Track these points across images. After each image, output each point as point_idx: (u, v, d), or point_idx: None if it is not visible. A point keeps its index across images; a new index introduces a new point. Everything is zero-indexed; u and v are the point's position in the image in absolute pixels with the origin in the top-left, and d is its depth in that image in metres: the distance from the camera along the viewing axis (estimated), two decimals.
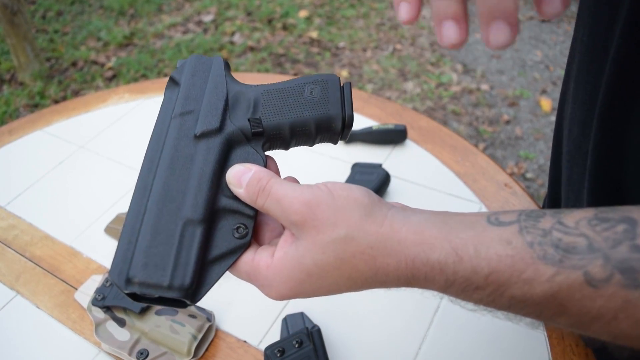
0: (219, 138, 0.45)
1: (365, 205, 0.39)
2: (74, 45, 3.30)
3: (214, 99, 0.46)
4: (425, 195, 0.92)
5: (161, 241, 0.41)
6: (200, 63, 0.49)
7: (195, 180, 0.43)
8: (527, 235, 0.35)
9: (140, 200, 0.43)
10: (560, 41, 3.22)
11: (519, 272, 0.34)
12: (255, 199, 0.42)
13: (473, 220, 0.38)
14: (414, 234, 0.37)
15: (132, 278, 0.40)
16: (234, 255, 0.43)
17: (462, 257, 0.36)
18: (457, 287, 0.36)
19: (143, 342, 0.70)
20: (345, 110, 0.47)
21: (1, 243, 0.88)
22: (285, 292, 0.41)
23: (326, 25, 3.43)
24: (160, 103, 1.22)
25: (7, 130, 1.12)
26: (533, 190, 2.25)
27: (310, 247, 0.39)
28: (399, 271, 0.38)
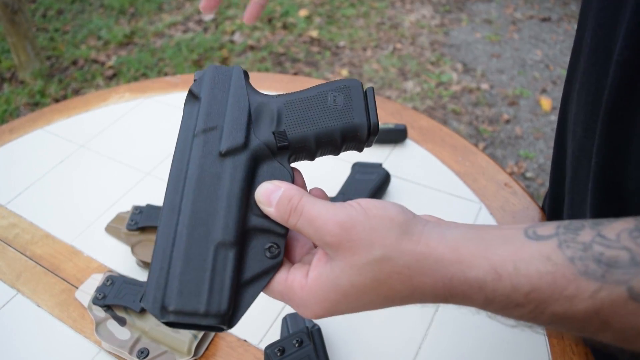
0: (245, 154, 0.43)
1: (400, 224, 0.39)
2: (74, 44, 3.30)
3: (237, 113, 0.45)
4: (426, 195, 0.92)
5: (194, 267, 0.40)
6: (219, 74, 0.47)
7: (224, 201, 0.42)
8: (567, 249, 0.34)
9: (169, 223, 0.42)
10: (560, 40, 3.22)
11: (561, 289, 0.33)
12: (287, 218, 0.41)
13: (510, 234, 0.37)
14: (451, 252, 0.37)
15: (168, 306, 0.39)
16: (268, 276, 0.42)
17: (501, 274, 0.35)
18: (497, 305, 0.36)
19: (143, 341, 0.71)
20: (370, 118, 0.46)
21: (2, 242, 0.88)
22: (320, 312, 0.40)
23: (326, 24, 3.43)
24: (160, 102, 1.22)
25: (8, 129, 1.12)
26: (533, 189, 2.25)
27: (346, 268, 0.38)
28: (436, 290, 0.37)
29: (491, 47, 3.19)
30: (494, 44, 3.22)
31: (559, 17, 3.48)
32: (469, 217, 0.87)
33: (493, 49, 3.16)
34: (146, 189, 0.96)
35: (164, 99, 1.18)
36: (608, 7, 0.51)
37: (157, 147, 1.05)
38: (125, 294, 0.74)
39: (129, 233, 0.84)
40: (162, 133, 1.09)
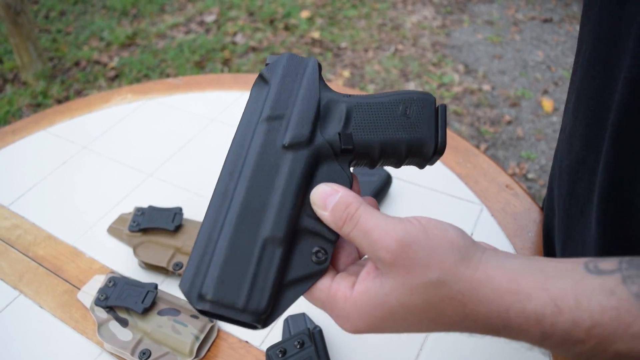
0: (307, 151, 0.42)
1: (460, 248, 0.37)
2: (76, 45, 3.31)
3: (306, 106, 0.44)
4: (427, 197, 0.92)
5: (239, 258, 0.39)
6: (294, 63, 0.46)
7: (279, 195, 0.40)
8: (632, 285, 0.32)
9: (219, 207, 0.41)
10: (561, 41, 3.22)
11: (626, 325, 0.31)
12: (342, 225, 0.39)
13: (570, 267, 0.35)
14: (509, 282, 0.35)
15: (205, 295, 0.38)
16: (310, 281, 0.40)
17: (561, 308, 0.33)
18: (555, 340, 0.34)
19: (145, 342, 0.71)
20: (439, 136, 0.45)
21: (4, 243, 0.88)
22: (362, 327, 0.39)
23: (328, 25, 3.44)
24: (162, 103, 1.22)
25: (11, 131, 1.12)
26: (534, 190, 2.25)
27: (398, 287, 0.37)
28: (490, 320, 0.35)
29: (493, 48, 3.19)
30: (495, 45, 3.22)
31: (561, 18, 3.47)
32: (469, 218, 0.87)
33: (494, 50, 3.16)
34: (148, 191, 0.97)
35: (166, 100, 1.19)
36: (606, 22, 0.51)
37: (159, 148, 1.06)
38: (127, 295, 0.74)
39: (131, 234, 0.85)
40: (164, 134, 1.09)
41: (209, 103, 1.17)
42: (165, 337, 0.70)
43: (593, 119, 0.54)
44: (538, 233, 0.84)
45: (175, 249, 0.82)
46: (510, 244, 0.83)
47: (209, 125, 1.11)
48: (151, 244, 0.83)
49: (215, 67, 3.05)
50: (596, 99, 0.53)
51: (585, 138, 0.57)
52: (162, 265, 0.80)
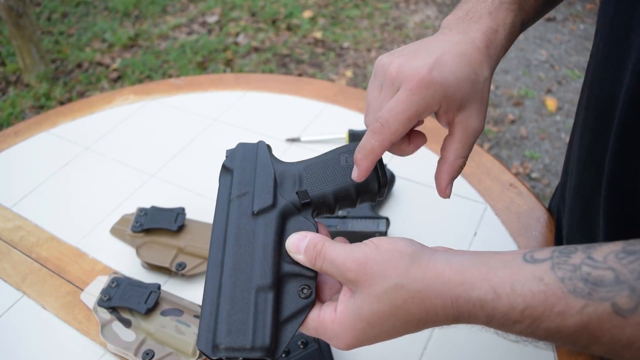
0: (274, 212, 0.50)
1: (409, 254, 0.43)
2: (79, 47, 3.31)
3: (264, 180, 0.52)
4: (430, 196, 0.92)
5: (239, 309, 0.46)
6: (247, 149, 0.55)
7: (260, 252, 0.48)
8: (559, 271, 0.37)
9: (214, 275, 0.48)
10: (565, 40, 3.21)
11: (551, 305, 0.37)
12: (314, 262, 0.46)
13: (510, 259, 0.40)
14: (456, 274, 0.40)
15: (219, 345, 0.44)
16: (303, 314, 0.47)
17: (500, 294, 0.38)
18: (497, 322, 0.39)
19: (149, 342, 0.71)
20: (379, 173, 0.52)
21: (7, 244, 0.88)
22: (350, 341, 0.44)
23: (330, 25, 3.43)
24: (164, 104, 1.22)
25: (13, 132, 1.12)
26: (538, 190, 2.24)
27: (366, 298, 0.42)
28: (447, 310, 0.40)
29: None
30: None
31: (564, 17, 3.47)
32: (473, 217, 0.87)
33: None
34: (151, 191, 0.96)
35: (169, 100, 1.18)
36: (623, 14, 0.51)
37: (161, 149, 1.06)
38: (130, 296, 0.74)
39: (133, 235, 0.85)
40: (166, 135, 1.09)
41: (211, 103, 1.17)
42: (168, 337, 0.70)
43: (603, 112, 0.55)
44: (542, 232, 0.84)
45: (178, 249, 0.82)
46: (514, 243, 0.82)
47: (211, 126, 1.11)
48: (154, 245, 0.83)
49: (217, 67, 3.05)
50: (607, 92, 0.54)
51: (595, 130, 0.57)
52: (165, 266, 0.80)
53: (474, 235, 0.84)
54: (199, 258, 0.81)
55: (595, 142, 0.57)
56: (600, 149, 0.56)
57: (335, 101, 1.14)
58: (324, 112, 1.11)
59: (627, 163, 0.51)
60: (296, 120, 1.10)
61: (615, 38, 0.53)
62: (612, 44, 0.53)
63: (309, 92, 1.17)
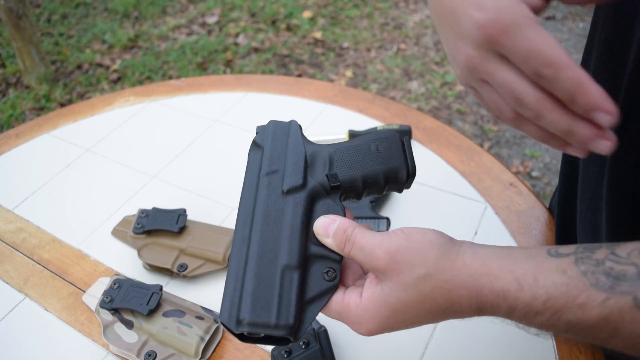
0: (304, 193, 0.50)
1: (439, 245, 0.44)
2: (79, 48, 3.31)
3: (295, 159, 0.52)
4: (431, 195, 0.92)
5: (265, 286, 0.46)
6: (279, 127, 0.56)
7: (288, 231, 0.48)
8: (582, 265, 0.38)
9: (240, 251, 0.48)
10: (564, 39, 3.21)
11: (573, 297, 0.37)
12: (343, 247, 0.46)
13: (534, 252, 0.41)
14: (482, 266, 0.41)
15: (243, 320, 0.45)
16: (326, 296, 0.47)
17: (522, 285, 0.39)
18: (519, 313, 0.40)
19: (151, 343, 0.71)
20: (408, 162, 0.53)
21: (9, 246, 0.89)
22: (373, 327, 0.45)
23: (330, 25, 3.43)
24: (165, 105, 1.22)
25: (14, 134, 1.12)
26: (539, 188, 2.24)
27: (394, 287, 0.43)
28: (471, 300, 0.42)
29: None
30: None
31: (564, 15, 3.47)
32: (473, 217, 0.87)
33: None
34: (152, 192, 0.97)
35: (169, 102, 1.19)
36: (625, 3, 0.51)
37: (162, 150, 1.06)
38: (132, 297, 0.74)
39: (135, 236, 0.85)
40: (167, 136, 1.09)
41: (211, 104, 1.17)
42: (170, 338, 0.70)
43: None
44: (543, 231, 0.84)
45: (180, 250, 0.82)
46: (514, 242, 0.82)
47: (212, 127, 1.11)
48: (155, 246, 0.83)
49: (217, 68, 3.05)
50: (610, 82, 0.53)
51: None
52: (166, 267, 0.80)
53: (475, 234, 0.84)
54: (201, 259, 0.81)
55: None
56: None
57: (336, 102, 1.14)
58: (324, 113, 1.11)
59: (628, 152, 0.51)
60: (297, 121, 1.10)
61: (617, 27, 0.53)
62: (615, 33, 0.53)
63: (309, 92, 1.18)
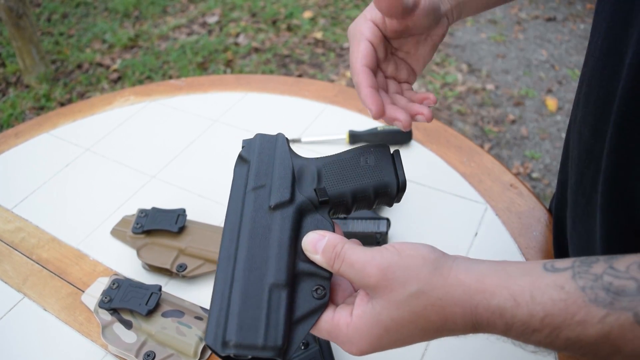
0: (291, 208, 0.49)
1: (432, 261, 0.42)
2: (79, 48, 3.31)
3: (283, 173, 0.51)
4: (431, 196, 0.92)
5: (251, 305, 0.44)
6: (265, 141, 0.54)
7: (275, 248, 0.46)
8: (580, 280, 0.37)
9: (226, 269, 0.46)
10: (565, 40, 3.21)
11: (572, 314, 0.36)
12: (332, 264, 0.45)
13: (530, 267, 0.40)
14: (476, 282, 0.40)
15: (229, 341, 0.43)
16: (316, 315, 0.45)
17: (519, 302, 0.38)
18: (516, 331, 0.39)
19: (150, 344, 0.71)
20: (398, 176, 0.52)
21: (8, 246, 0.88)
22: (365, 347, 0.43)
23: (331, 25, 3.43)
24: (165, 105, 1.22)
25: (14, 133, 1.12)
26: (539, 190, 2.24)
27: (386, 304, 0.42)
28: (465, 317, 0.40)
29: (496, 47, 3.18)
30: (499, 44, 3.21)
31: (564, 16, 3.46)
32: (474, 218, 0.87)
33: (498, 49, 3.16)
34: (151, 192, 0.96)
35: (169, 102, 1.18)
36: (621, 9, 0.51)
37: (162, 150, 1.05)
38: (131, 297, 0.74)
39: (134, 236, 0.85)
40: (167, 136, 1.09)
41: (211, 104, 1.17)
42: (169, 338, 0.70)
43: (601, 108, 0.55)
44: (543, 232, 0.84)
45: (179, 250, 0.82)
46: (514, 243, 0.82)
47: (211, 127, 1.11)
48: (155, 246, 0.83)
49: (218, 68, 3.05)
50: (605, 88, 0.54)
51: (593, 127, 0.57)
52: (165, 267, 0.80)
53: (475, 235, 0.84)
54: (200, 259, 0.81)
55: (594, 138, 0.57)
56: (598, 146, 0.56)
57: (336, 102, 1.14)
58: (324, 113, 1.11)
59: (623, 159, 0.51)
60: (297, 121, 1.10)
61: (613, 33, 0.53)
62: (610, 39, 0.53)
63: (310, 93, 1.17)
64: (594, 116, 0.57)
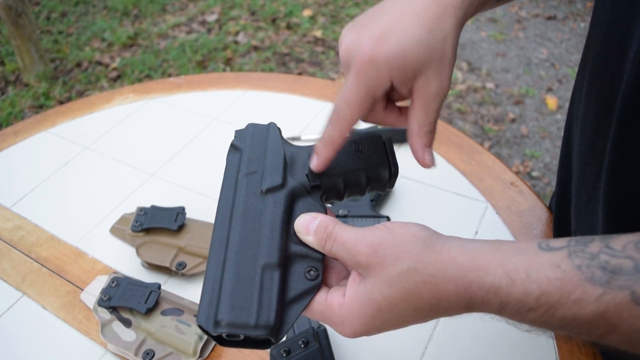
0: (283, 192, 0.49)
1: (423, 238, 0.42)
2: (78, 46, 3.31)
3: (274, 159, 0.52)
4: (431, 194, 0.91)
5: (244, 285, 0.44)
6: (257, 130, 0.55)
7: (267, 230, 0.47)
8: (576, 259, 0.37)
9: (218, 251, 0.47)
10: (565, 39, 3.21)
11: (568, 293, 0.36)
12: (324, 244, 0.45)
13: (524, 246, 0.40)
14: (470, 260, 0.39)
15: (221, 321, 0.43)
16: (309, 296, 0.45)
17: (514, 280, 0.38)
18: (511, 309, 0.38)
19: (149, 342, 0.70)
20: (390, 162, 0.52)
21: (7, 244, 0.88)
22: (358, 328, 0.43)
23: (330, 24, 3.43)
24: (164, 103, 1.22)
25: (13, 132, 1.12)
26: (539, 188, 2.24)
27: (377, 283, 0.41)
28: (459, 296, 0.40)
29: (496, 45, 3.18)
30: (499, 42, 3.21)
31: (565, 15, 3.46)
32: (474, 216, 0.87)
33: (498, 48, 3.16)
34: (150, 190, 0.96)
35: (168, 99, 1.18)
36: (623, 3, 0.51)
37: (161, 148, 1.05)
38: (130, 296, 0.73)
39: (133, 234, 0.84)
40: (166, 134, 1.09)
41: (211, 102, 1.16)
42: (168, 337, 0.70)
43: (603, 103, 0.54)
44: (544, 230, 0.84)
45: (178, 248, 0.81)
46: None
47: (211, 125, 1.10)
48: (154, 244, 0.83)
49: (217, 66, 3.05)
50: (608, 83, 0.53)
51: (596, 123, 0.57)
52: (165, 265, 0.79)
53: (475, 234, 0.84)
54: (200, 257, 0.80)
55: (597, 134, 0.57)
56: (601, 141, 0.55)
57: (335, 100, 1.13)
58: (324, 111, 1.11)
59: (627, 153, 0.51)
60: (296, 120, 1.09)
61: (615, 28, 0.52)
62: (613, 34, 0.53)
63: (309, 91, 1.17)
64: (596, 112, 0.56)
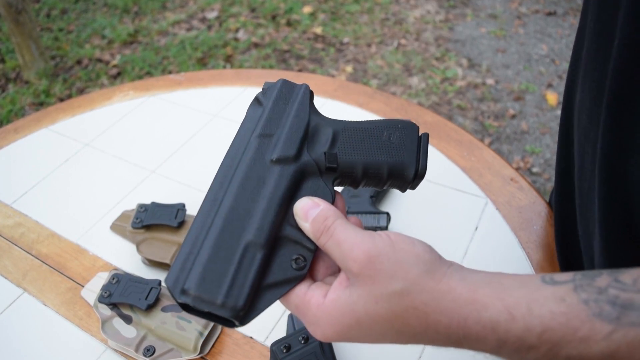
0: (293, 166, 0.45)
1: (426, 261, 0.39)
2: (78, 44, 3.31)
3: (295, 127, 0.47)
4: (431, 190, 0.91)
5: (221, 258, 0.41)
6: (287, 89, 0.50)
7: (264, 204, 0.43)
8: (582, 293, 0.34)
9: (208, 212, 0.43)
10: (565, 34, 3.20)
11: (574, 330, 0.33)
12: (319, 236, 0.42)
13: (527, 280, 0.37)
14: (468, 292, 0.37)
15: (188, 290, 0.40)
16: (288, 285, 0.42)
17: (514, 315, 0.35)
18: (510, 347, 0.35)
19: (149, 338, 0.71)
20: (420, 161, 0.48)
21: (8, 241, 0.88)
22: (330, 334, 0.40)
23: (330, 20, 3.43)
24: (164, 100, 1.22)
25: (13, 129, 1.12)
26: (539, 184, 2.24)
27: (364, 295, 0.38)
28: (450, 330, 0.37)
29: (496, 42, 3.18)
30: (499, 38, 3.20)
31: (565, 11, 3.46)
32: (474, 212, 0.87)
33: (498, 44, 3.15)
34: (151, 187, 0.96)
35: (168, 97, 1.18)
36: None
37: (161, 145, 1.05)
38: (130, 292, 0.74)
39: (134, 231, 0.84)
40: (166, 131, 1.09)
41: (211, 99, 1.16)
42: (169, 333, 0.70)
43: (596, 91, 0.54)
44: (544, 226, 0.84)
45: (179, 245, 0.82)
46: (515, 237, 0.82)
47: (211, 121, 1.10)
48: (154, 241, 0.83)
49: (217, 63, 3.04)
50: (599, 70, 0.53)
51: (589, 111, 0.56)
52: (165, 262, 0.79)
53: (475, 229, 0.84)
54: None
55: (590, 123, 0.56)
56: (594, 129, 0.55)
57: (336, 96, 1.14)
58: (324, 108, 1.11)
59: (616, 141, 0.50)
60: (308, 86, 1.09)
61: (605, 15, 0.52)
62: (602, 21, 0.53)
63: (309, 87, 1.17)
64: (590, 99, 0.56)
